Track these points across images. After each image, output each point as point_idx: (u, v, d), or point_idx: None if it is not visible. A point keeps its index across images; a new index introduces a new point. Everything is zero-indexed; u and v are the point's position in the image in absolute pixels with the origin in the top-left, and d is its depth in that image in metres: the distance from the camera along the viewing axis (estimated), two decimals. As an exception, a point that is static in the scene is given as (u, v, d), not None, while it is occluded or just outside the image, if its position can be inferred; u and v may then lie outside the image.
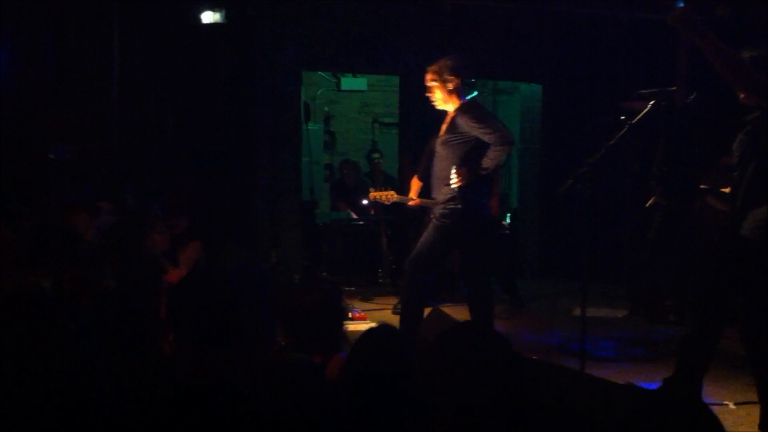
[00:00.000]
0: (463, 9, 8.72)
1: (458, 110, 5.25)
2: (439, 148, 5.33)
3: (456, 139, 5.20)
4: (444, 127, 5.33)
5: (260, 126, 8.39)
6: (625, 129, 4.56)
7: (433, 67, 5.30)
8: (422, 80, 5.42)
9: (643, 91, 4.93)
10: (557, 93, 9.37)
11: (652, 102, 4.61)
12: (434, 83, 5.27)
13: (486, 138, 5.13)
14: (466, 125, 5.17)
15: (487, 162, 5.15)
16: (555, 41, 9.15)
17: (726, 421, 4.01)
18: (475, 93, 10.84)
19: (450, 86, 5.25)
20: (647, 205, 6.69)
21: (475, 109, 5.30)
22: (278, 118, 8.42)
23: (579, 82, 9.14)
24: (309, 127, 8.95)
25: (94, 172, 7.26)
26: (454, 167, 5.13)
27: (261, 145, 8.41)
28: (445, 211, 5.18)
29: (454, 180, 5.12)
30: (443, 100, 5.31)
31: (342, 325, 3.17)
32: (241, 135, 8.42)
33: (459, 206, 5.15)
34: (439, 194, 5.25)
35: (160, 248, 5.40)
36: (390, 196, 5.86)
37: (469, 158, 5.17)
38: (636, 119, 4.58)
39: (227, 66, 8.33)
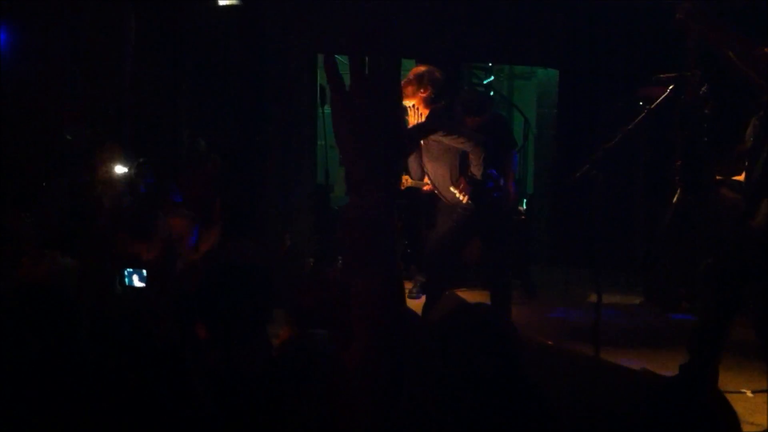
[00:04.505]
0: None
1: (428, 120, 5.29)
2: (426, 144, 5.35)
3: (440, 143, 5.25)
4: None
5: (275, 110, 8.37)
6: (642, 114, 4.51)
7: (419, 69, 5.34)
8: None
9: (662, 76, 4.88)
10: (574, 78, 9.29)
11: (670, 87, 4.56)
12: (410, 86, 5.31)
13: (459, 146, 5.18)
14: (438, 136, 5.22)
15: (475, 170, 5.19)
16: (572, 26, 9.06)
17: (743, 408, 3.98)
18: (492, 78, 10.76)
19: (423, 94, 5.26)
20: (674, 201, 6.59)
21: (441, 120, 5.30)
22: (293, 102, 8.40)
23: (596, 67, 9.05)
24: (324, 111, 8.92)
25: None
26: (452, 187, 5.18)
27: (276, 129, 8.40)
28: (465, 204, 5.23)
29: (460, 196, 5.16)
30: (410, 101, 5.35)
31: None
32: (255, 119, 8.41)
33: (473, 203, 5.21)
34: (449, 195, 5.28)
35: (181, 233, 5.38)
36: (404, 180, 5.86)
37: (461, 163, 5.22)
38: (654, 105, 4.53)
39: (242, 49, 8.31)
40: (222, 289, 2.26)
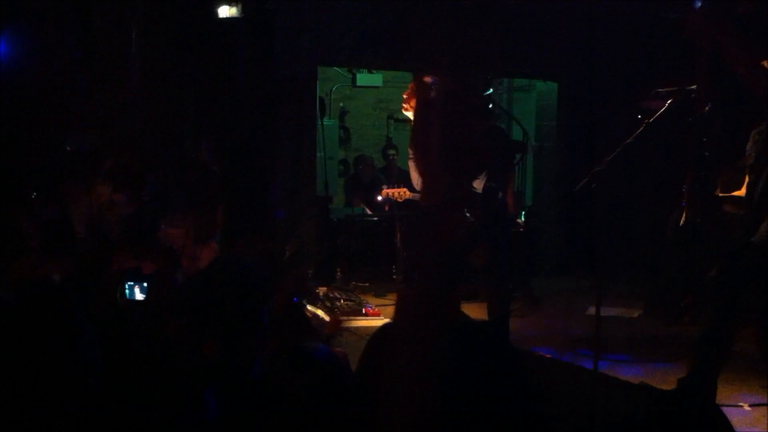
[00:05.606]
0: (481, 5, 8.69)
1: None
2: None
3: None
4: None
5: (277, 121, 8.39)
6: (642, 128, 4.53)
7: (442, 83, 5.36)
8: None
9: (661, 89, 4.89)
10: (573, 90, 9.32)
11: (669, 101, 4.58)
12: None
13: None
14: None
15: (476, 183, 5.22)
16: (571, 38, 9.10)
17: (740, 422, 3.98)
18: (490, 90, 10.77)
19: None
20: (681, 224, 6.54)
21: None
22: (294, 114, 8.42)
23: (595, 79, 9.09)
24: (324, 123, 8.95)
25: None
26: None
27: (277, 140, 8.42)
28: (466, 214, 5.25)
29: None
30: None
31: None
32: (257, 129, 8.43)
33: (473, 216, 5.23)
34: None
35: (179, 243, 5.40)
36: (402, 193, 5.88)
37: None
38: (653, 118, 4.54)
39: (245, 60, 8.34)
40: (220, 281, 2.27)
